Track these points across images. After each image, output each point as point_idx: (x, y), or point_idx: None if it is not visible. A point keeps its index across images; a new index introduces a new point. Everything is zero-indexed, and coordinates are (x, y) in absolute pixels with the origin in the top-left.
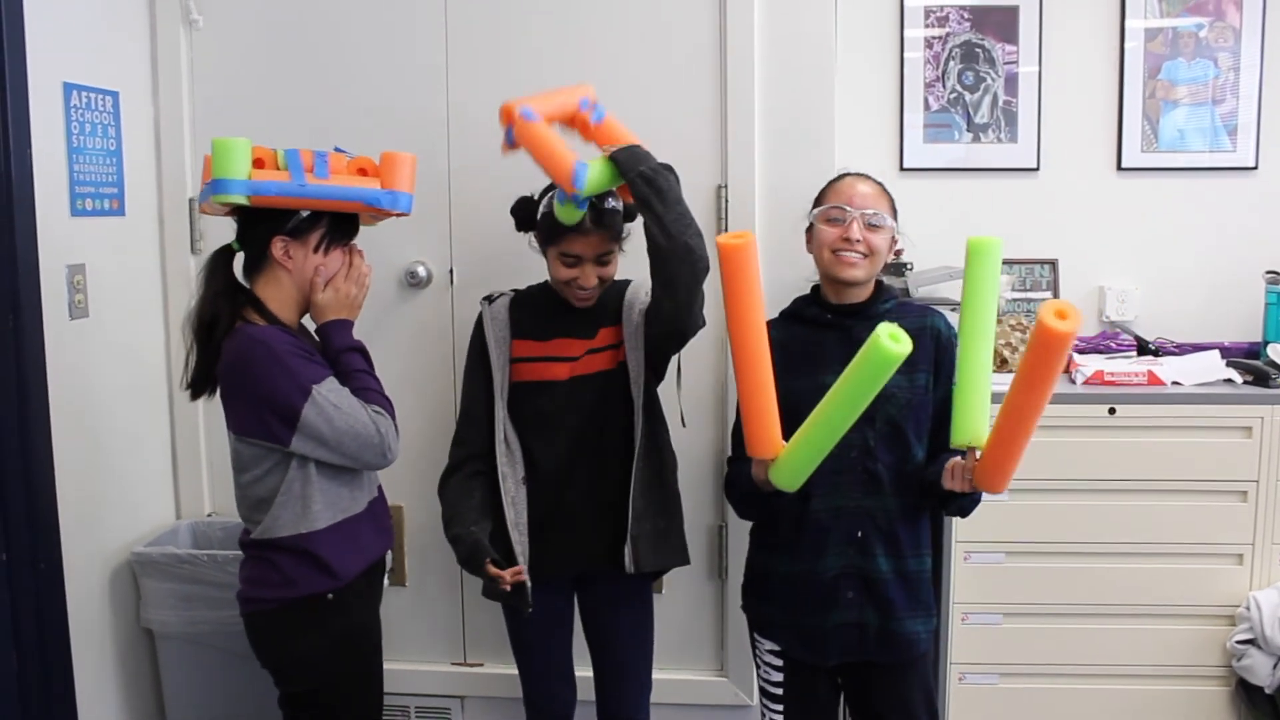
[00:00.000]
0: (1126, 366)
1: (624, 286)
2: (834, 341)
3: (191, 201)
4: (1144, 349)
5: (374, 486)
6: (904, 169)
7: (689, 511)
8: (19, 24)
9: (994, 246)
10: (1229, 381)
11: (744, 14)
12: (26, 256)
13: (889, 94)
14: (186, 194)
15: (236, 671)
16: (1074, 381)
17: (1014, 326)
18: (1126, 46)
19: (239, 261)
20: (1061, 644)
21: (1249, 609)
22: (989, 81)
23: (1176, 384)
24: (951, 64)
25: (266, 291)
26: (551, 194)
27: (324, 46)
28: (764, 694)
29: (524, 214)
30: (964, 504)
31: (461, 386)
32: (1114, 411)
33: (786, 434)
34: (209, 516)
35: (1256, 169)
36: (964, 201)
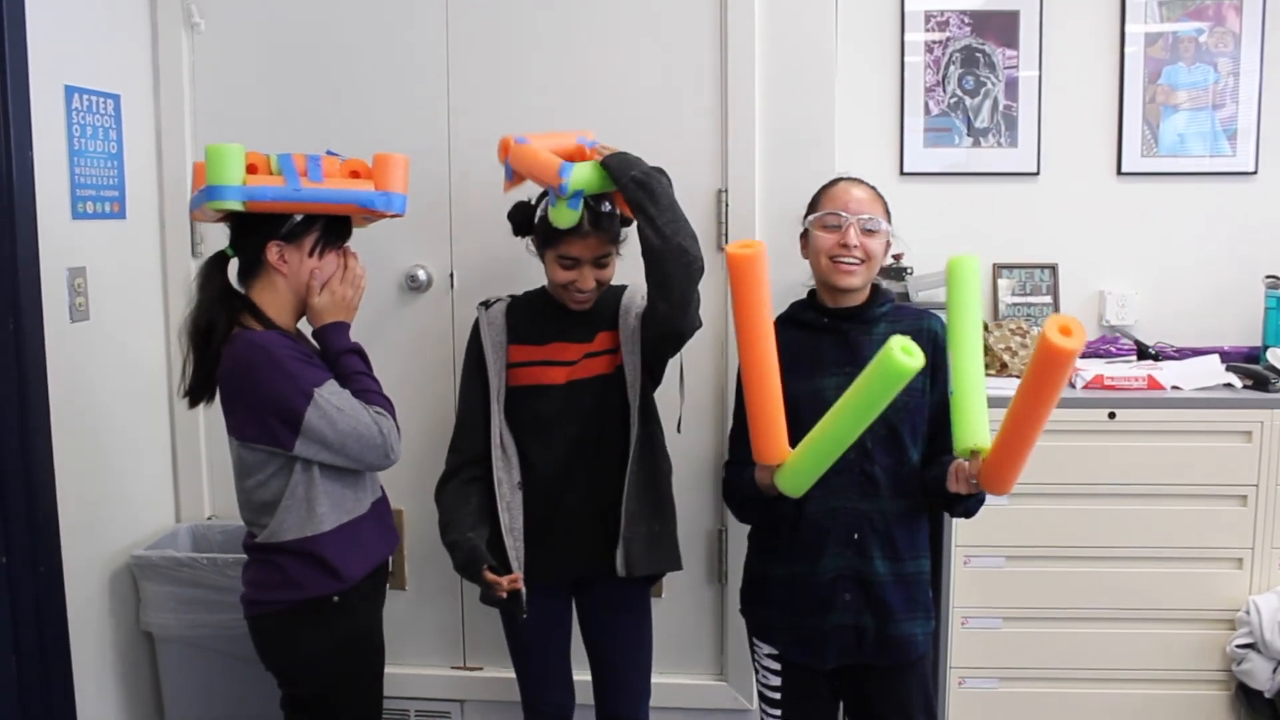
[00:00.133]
0: (1126, 371)
1: (620, 291)
2: (831, 345)
3: None
4: (1144, 353)
5: (377, 487)
6: (904, 173)
7: (689, 515)
8: (20, 27)
9: (971, 265)
10: (1229, 386)
11: (745, 18)
12: (27, 259)
13: (889, 98)
14: (187, 197)
15: (236, 675)
16: (1074, 386)
17: (1014, 331)
18: (1126, 51)
19: (233, 267)
20: (1061, 648)
21: (1249, 613)
22: (989, 86)
23: (1176, 388)
24: (952, 68)
25: (262, 297)
26: (547, 198)
27: (325, 49)
28: (763, 699)
29: (521, 218)
30: (969, 505)
31: (458, 392)
32: (1114, 416)
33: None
34: (209, 520)
35: (1256, 174)
36: (964, 206)
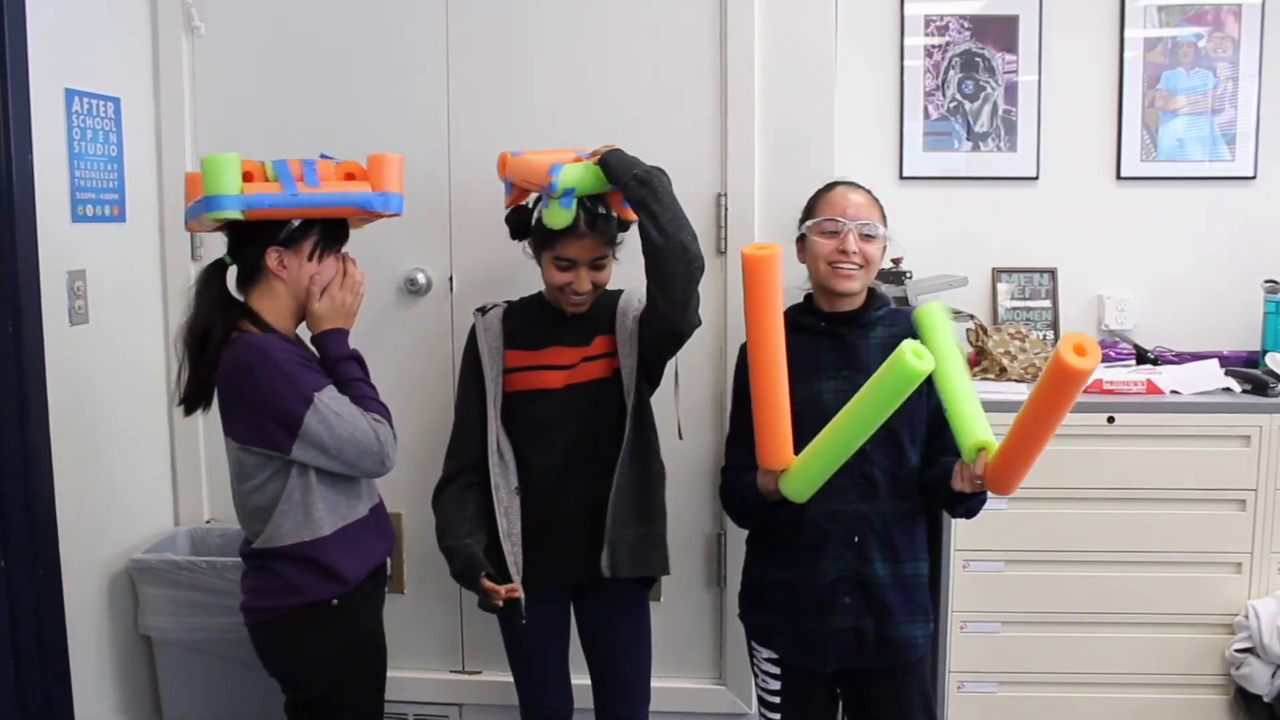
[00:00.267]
0: (1125, 375)
1: (616, 296)
2: (828, 349)
3: None
4: (1143, 358)
5: (374, 494)
6: (903, 177)
7: (687, 519)
8: (21, 29)
9: (936, 311)
10: (1227, 390)
11: (744, 22)
12: (27, 262)
13: (889, 102)
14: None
15: (235, 678)
16: None
17: (1012, 335)
18: (1126, 56)
19: (232, 274)
20: (1060, 652)
21: (1247, 618)
22: (989, 90)
23: (1175, 393)
24: (951, 73)
25: (262, 303)
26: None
27: (325, 53)
28: (762, 703)
29: (518, 222)
30: (971, 505)
31: (455, 398)
32: (1113, 420)
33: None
34: (208, 523)
35: (1255, 178)
36: (963, 210)
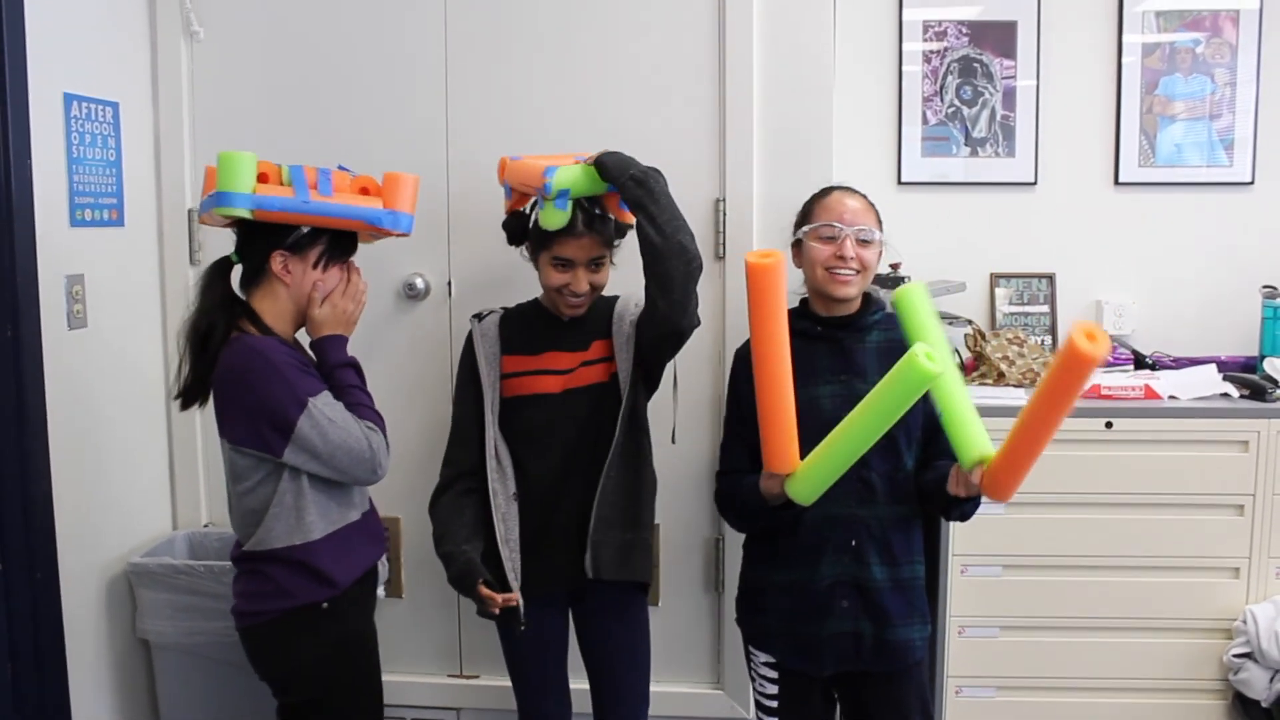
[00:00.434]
0: (1123, 380)
1: (613, 301)
2: (825, 353)
3: (191, 212)
4: (1141, 363)
5: (365, 501)
6: (902, 183)
7: (686, 524)
8: (20, 34)
9: (916, 292)
10: (1225, 395)
11: (743, 27)
12: (25, 266)
13: (887, 108)
14: (186, 205)
15: (232, 682)
16: None
17: (1011, 340)
18: (1124, 61)
19: (236, 273)
20: (1058, 657)
21: (1245, 623)
22: (987, 96)
23: (1173, 398)
24: (950, 78)
25: (263, 304)
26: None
27: (324, 58)
28: (760, 707)
29: (515, 227)
30: (966, 509)
31: (452, 405)
32: (1111, 425)
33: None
34: (205, 527)
35: (1253, 184)
36: (961, 215)
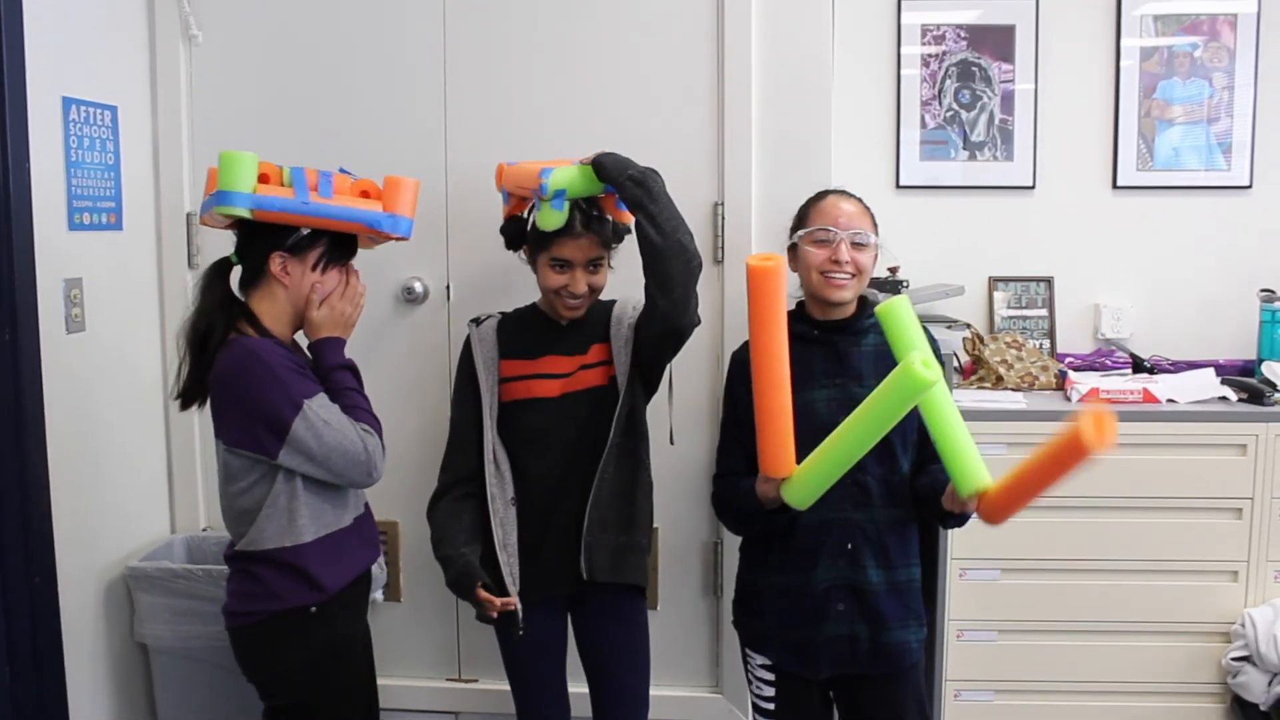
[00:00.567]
0: (1122, 384)
1: (610, 305)
2: (821, 357)
3: (189, 216)
4: (1139, 366)
5: (360, 504)
6: (900, 186)
7: (684, 527)
8: (18, 38)
9: (900, 305)
10: (1224, 399)
11: (742, 31)
12: (24, 270)
13: (886, 111)
14: (184, 208)
15: (230, 687)
16: (1069, 399)
17: (1009, 344)
18: (1122, 65)
19: (235, 274)
20: (1057, 660)
21: (1244, 626)
22: (985, 100)
23: (1171, 401)
24: (948, 82)
25: (261, 306)
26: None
27: (323, 63)
28: (757, 710)
29: (512, 231)
30: (960, 519)
31: (451, 409)
32: None
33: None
34: (204, 531)
35: (1250, 188)
36: (960, 219)
